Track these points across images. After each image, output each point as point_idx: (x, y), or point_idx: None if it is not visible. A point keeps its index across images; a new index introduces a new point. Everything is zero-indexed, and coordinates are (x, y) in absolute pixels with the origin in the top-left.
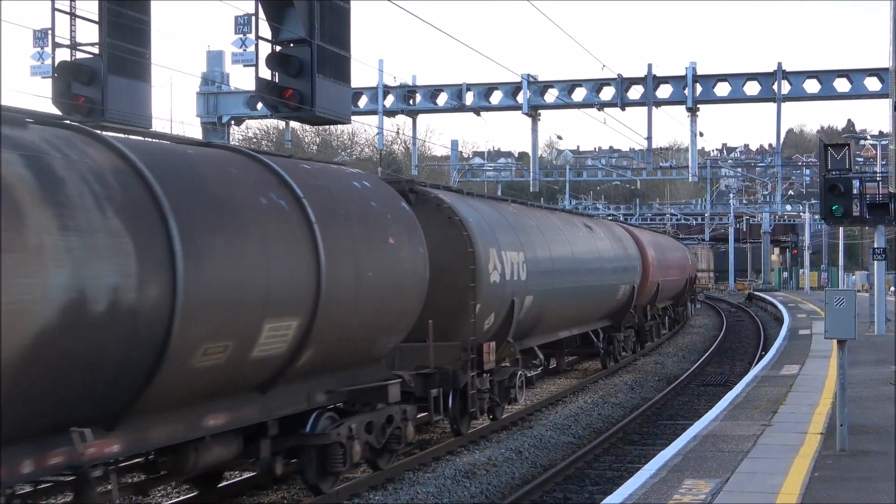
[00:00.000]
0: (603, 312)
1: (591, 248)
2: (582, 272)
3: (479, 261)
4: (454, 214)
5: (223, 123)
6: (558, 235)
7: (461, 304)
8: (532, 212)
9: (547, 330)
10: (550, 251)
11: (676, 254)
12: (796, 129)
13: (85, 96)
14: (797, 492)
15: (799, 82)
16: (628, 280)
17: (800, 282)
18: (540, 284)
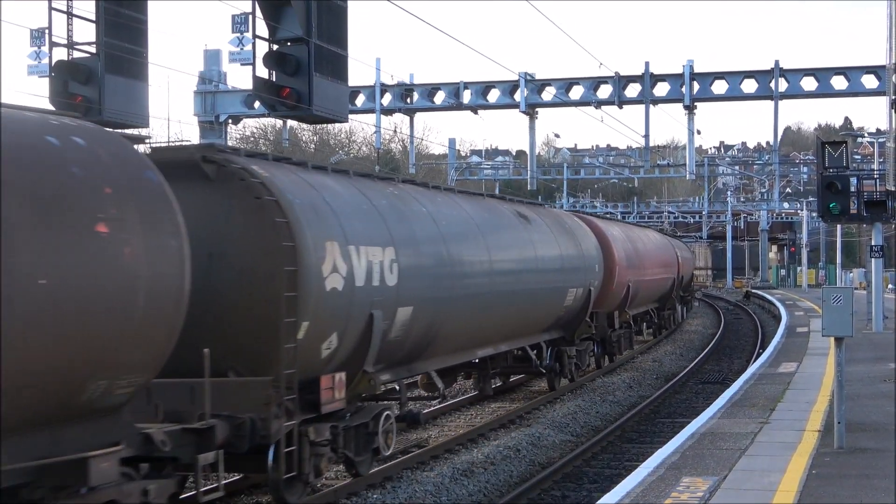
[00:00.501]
0: (546, 323)
1: (521, 243)
2: (503, 273)
3: (304, 259)
4: (266, 193)
5: (220, 122)
6: (465, 227)
7: (272, 321)
8: (428, 195)
9: (450, 349)
10: (448, 247)
11: (660, 250)
12: (794, 127)
13: (82, 95)
14: (795, 489)
15: (796, 80)
16: (581, 282)
17: (797, 279)
18: (426, 291)
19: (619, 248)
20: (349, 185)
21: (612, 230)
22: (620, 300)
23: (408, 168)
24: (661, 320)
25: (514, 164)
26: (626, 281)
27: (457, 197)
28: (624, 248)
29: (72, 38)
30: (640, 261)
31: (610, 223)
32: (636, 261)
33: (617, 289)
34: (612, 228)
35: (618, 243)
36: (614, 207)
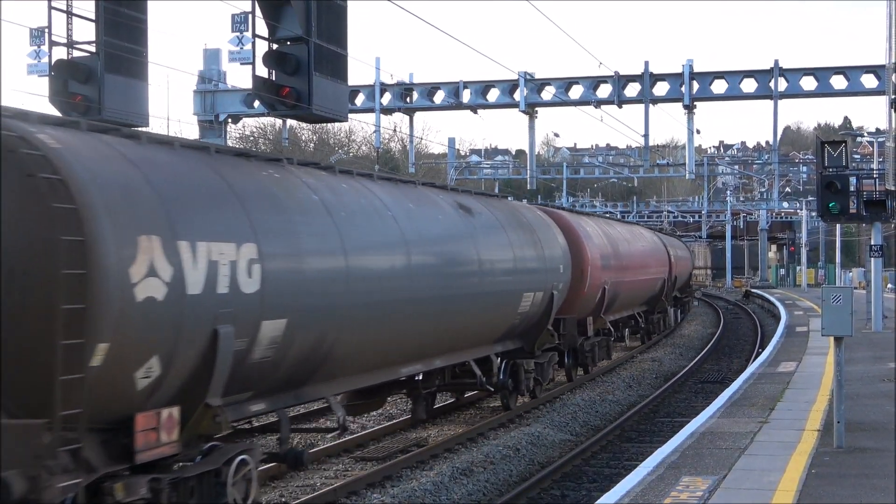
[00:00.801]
0: (496, 332)
1: (457, 240)
2: (430, 275)
3: (99, 259)
4: (45, 169)
5: (220, 122)
6: (375, 220)
7: (45, 343)
8: (327, 181)
9: (357, 368)
10: (345, 244)
11: (647, 249)
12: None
13: (82, 95)
14: (794, 489)
15: (796, 79)
16: (541, 285)
17: (797, 279)
18: (308, 298)
19: (594, 246)
20: (202, 164)
21: (586, 226)
22: (595, 304)
23: (407, 167)
24: (649, 325)
25: (514, 164)
26: (602, 283)
27: (373, 184)
28: (600, 246)
29: (71, 38)
30: (622, 260)
31: (584, 218)
32: (616, 260)
33: (590, 292)
34: (587, 224)
35: (592, 241)
36: (614, 207)
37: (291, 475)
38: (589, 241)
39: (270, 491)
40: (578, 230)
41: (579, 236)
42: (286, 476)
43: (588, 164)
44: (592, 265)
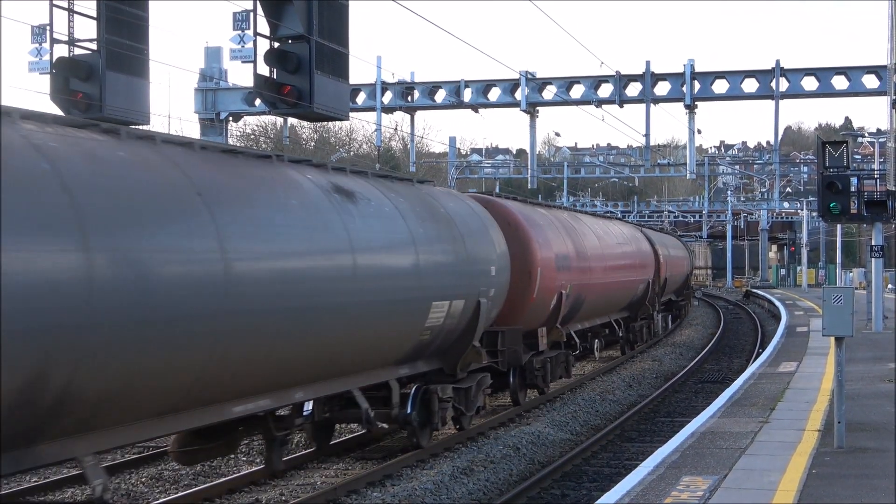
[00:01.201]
0: (394, 353)
1: (318, 233)
2: (261, 281)
3: None
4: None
5: (221, 120)
6: (158, 202)
7: None
8: (82, 147)
9: (126, 414)
10: (88, 238)
11: (624, 246)
12: (794, 127)
13: (83, 92)
14: (795, 489)
15: (797, 80)
16: (461, 291)
17: (797, 279)
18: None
19: (546, 243)
20: None
21: (538, 219)
22: (549, 313)
23: (409, 166)
24: (630, 334)
25: (515, 163)
26: (558, 287)
27: (175, 151)
28: (556, 243)
29: (73, 35)
30: (588, 261)
31: (540, 210)
32: (580, 261)
33: (541, 298)
34: (539, 218)
35: (544, 237)
36: (614, 206)
37: (292, 474)
38: (540, 237)
39: (270, 489)
40: (525, 224)
41: (526, 232)
42: (286, 475)
43: (589, 164)
44: (544, 266)
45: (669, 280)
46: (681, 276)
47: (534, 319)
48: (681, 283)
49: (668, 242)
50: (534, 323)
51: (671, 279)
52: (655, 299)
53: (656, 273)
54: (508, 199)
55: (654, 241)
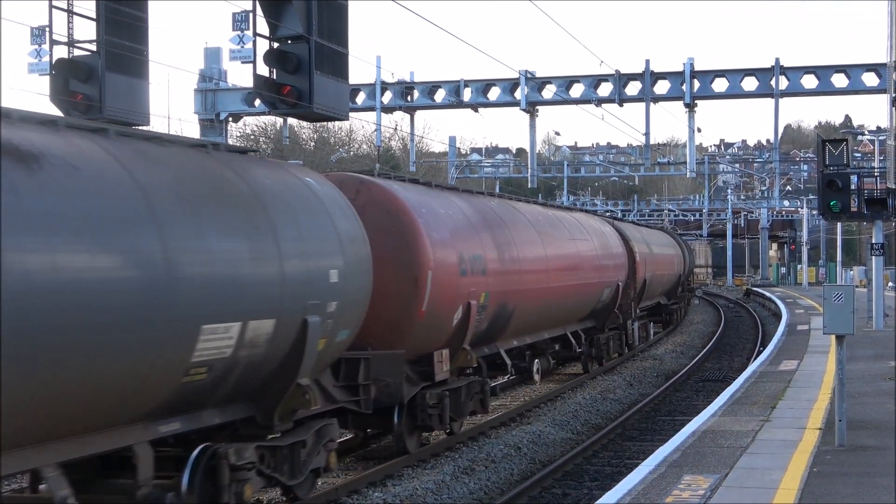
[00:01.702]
0: (148, 402)
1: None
2: None
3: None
4: None
5: (221, 120)
6: None
7: None
8: None
9: None
10: None
11: (582, 243)
12: (794, 125)
13: (83, 93)
14: (796, 487)
15: (797, 78)
16: (269, 308)
17: (798, 277)
18: None
19: (444, 239)
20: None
21: (441, 209)
22: (451, 331)
23: (408, 166)
24: (595, 349)
25: (515, 163)
26: (466, 296)
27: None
28: (462, 239)
29: (72, 36)
30: (519, 263)
31: (444, 195)
32: (504, 262)
33: (437, 312)
34: (443, 206)
35: (441, 231)
36: (615, 205)
37: None
38: (436, 231)
39: (272, 489)
40: (412, 213)
41: (412, 224)
42: None
43: (589, 163)
44: (439, 269)
45: (652, 282)
46: (670, 277)
47: (425, 340)
48: (671, 285)
49: (652, 239)
50: (427, 345)
51: (655, 281)
52: (630, 306)
53: (630, 274)
54: (395, 181)
55: (628, 237)
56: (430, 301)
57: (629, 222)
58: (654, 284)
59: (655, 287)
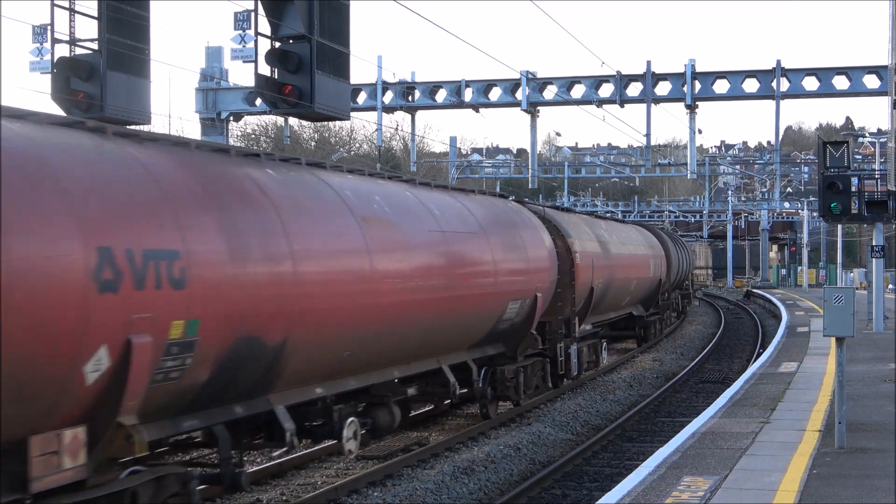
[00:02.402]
0: None
1: None
2: None
3: None
4: None
5: (222, 119)
6: None
7: None
8: None
9: None
10: None
11: (450, 238)
12: (795, 127)
13: (84, 92)
14: (795, 489)
15: (798, 80)
16: None
17: (798, 279)
18: None
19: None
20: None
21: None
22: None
23: (409, 166)
24: (493, 386)
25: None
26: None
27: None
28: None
29: (74, 35)
30: (314, 264)
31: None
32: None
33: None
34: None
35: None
36: (615, 206)
37: (293, 474)
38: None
39: (271, 489)
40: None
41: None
42: (287, 475)
43: (589, 164)
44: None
45: (610, 290)
46: (645, 282)
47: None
48: (647, 292)
49: (616, 236)
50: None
51: (616, 288)
52: (568, 323)
53: (567, 281)
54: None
55: (566, 232)
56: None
57: (584, 213)
58: (614, 293)
59: (618, 296)
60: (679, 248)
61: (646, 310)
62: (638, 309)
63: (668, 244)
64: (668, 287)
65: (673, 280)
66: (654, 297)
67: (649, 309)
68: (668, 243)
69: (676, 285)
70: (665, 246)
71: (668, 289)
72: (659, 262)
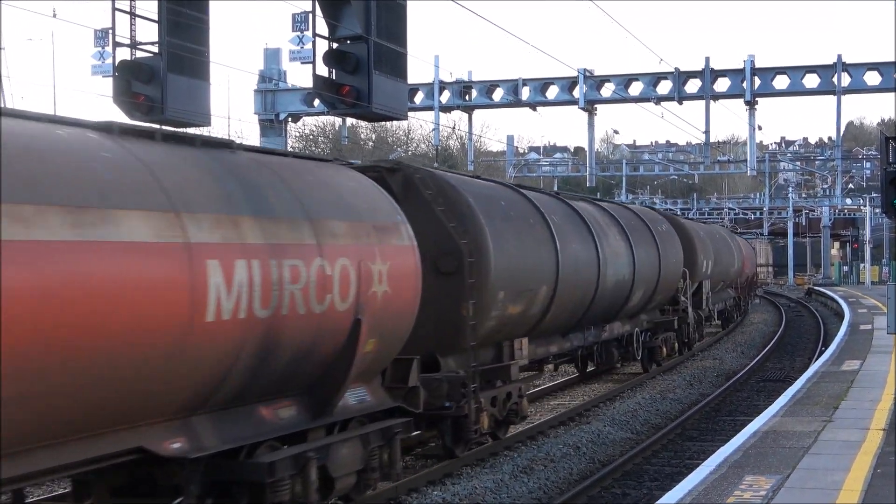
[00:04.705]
0: None
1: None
2: None
3: None
4: None
5: (280, 120)
6: None
7: None
8: None
9: None
10: None
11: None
12: (856, 122)
13: (145, 95)
14: (859, 488)
15: (859, 74)
16: None
17: (860, 276)
18: None
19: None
20: None
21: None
22: None
23: (466, 165)
24: None
25: (573, 161)
26: None
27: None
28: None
29: (135, 38)
30: None
31: None
32: None
33: None
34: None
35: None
36: (674, 204)
37: None
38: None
39: None
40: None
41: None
42: None
43: (648, 161)
44: None
45: (571, 298)
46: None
47: None
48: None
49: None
50: None
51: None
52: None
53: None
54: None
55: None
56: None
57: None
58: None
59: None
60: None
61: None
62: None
63: (696, 235)
64: (745, 283)
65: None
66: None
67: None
68: (695, 233)
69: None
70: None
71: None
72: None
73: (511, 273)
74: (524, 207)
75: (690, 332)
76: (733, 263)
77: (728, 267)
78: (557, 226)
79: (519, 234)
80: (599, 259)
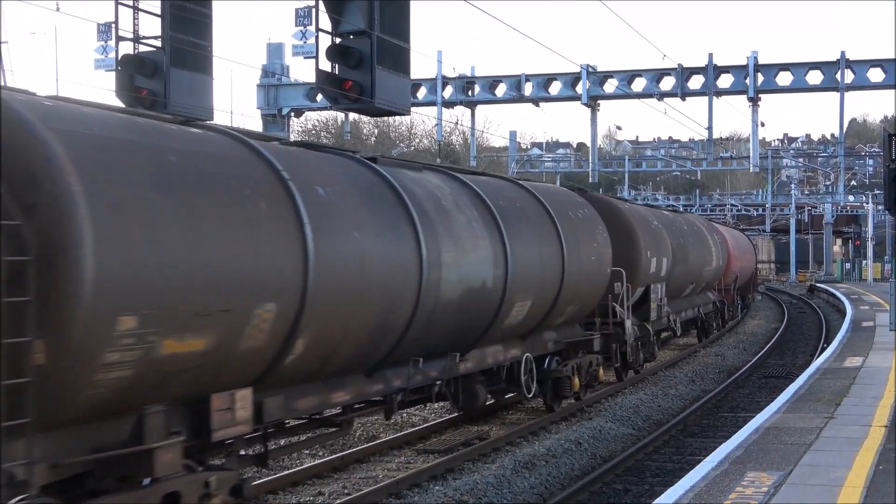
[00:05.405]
0: None
1: None
2: None
3: None
4: None
5: (283, 115)
6: None
7: None
8: None
9: None
10: None
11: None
12: (859, 119)
13: (148, 89)
14: (861, 485)
15: (862, 71)
16: None
17: (863, 273)
18: None
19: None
20: None
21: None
22: None
23: (468, 160)
24: None
25: (576, 157)
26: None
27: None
28: None
29: (138, 33)
30: None
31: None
32: None
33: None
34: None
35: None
36: (676, 200)
37: (354, 467)
38: None
39: (333, 483)
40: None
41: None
42: (348, 468)
43: (650, 157)
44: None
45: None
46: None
47: None
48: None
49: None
50: None
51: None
52: None
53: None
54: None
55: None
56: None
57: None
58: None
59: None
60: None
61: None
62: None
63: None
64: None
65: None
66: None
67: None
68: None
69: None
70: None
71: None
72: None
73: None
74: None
75: (630, 352)
76: (709, 261)
77: (700, 266)
78: (314, 204)
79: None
80: (423, 257)
